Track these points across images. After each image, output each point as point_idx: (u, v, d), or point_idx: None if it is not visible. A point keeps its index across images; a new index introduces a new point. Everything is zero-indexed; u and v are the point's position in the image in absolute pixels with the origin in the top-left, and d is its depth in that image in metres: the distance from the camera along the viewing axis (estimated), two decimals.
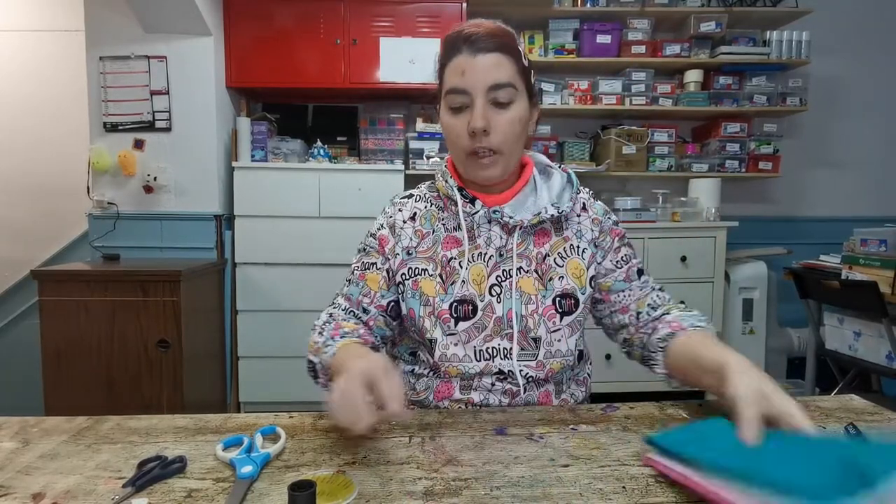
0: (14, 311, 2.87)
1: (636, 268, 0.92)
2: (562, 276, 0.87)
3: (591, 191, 0.97)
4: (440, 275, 0.86)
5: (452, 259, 0.86)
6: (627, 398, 0.83)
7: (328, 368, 0.77)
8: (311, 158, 2.57)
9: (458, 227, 0.87)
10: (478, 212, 0.85)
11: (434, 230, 0.89)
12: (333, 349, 0.77)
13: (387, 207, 0.94)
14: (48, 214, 2.85)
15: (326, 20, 2.55)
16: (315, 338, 0.83)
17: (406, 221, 0.90)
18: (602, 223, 0.92)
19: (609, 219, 0.93)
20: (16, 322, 2.87)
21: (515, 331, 0.84)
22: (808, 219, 3.11)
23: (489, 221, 0.87)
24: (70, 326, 2.05)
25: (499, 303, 0.85)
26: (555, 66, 2.77)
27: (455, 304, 0.84)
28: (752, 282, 2.66)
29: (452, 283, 0.85)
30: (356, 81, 2.59)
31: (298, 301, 2.52)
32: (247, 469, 0.59)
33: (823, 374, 2.40)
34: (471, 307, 0.84)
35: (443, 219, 0.90)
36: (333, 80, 2.58)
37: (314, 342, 0.83)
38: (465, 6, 2.57)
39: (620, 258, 0.91)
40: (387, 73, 2.57)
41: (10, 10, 2.81)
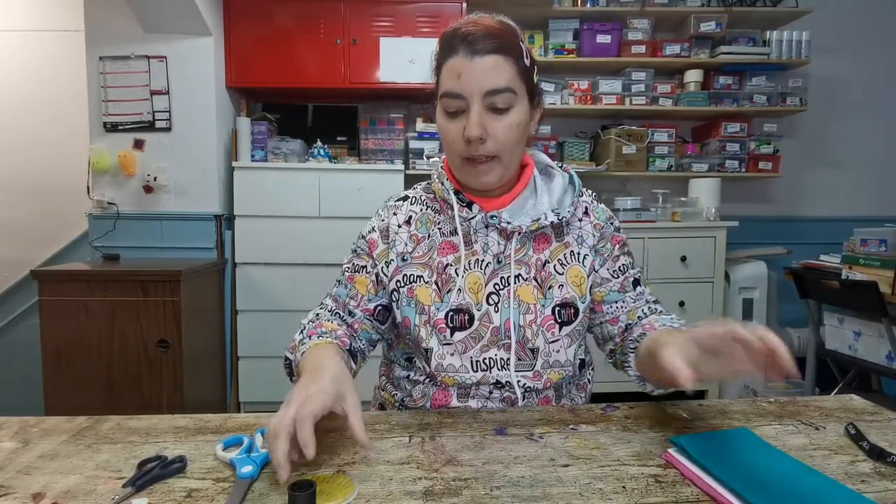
0: (14, 311, 2.87)
1: (632, 278, 0.89)
2: (562, 285, 0.83)
3: (594, 192, 0.93)
4: (436, 282, 0.83)
5: (448, 266, 0.83)
6: (627, 398, 0.83)
7: (298, 367, 0.76)
8: (311, 158, 2.57)
9: (455, 232, 0.84)
10: (474, 217, 0.82)
11: (430, 235, 0.86)
12: (304, 349, 0.75)
13: (380, 210, 0.91)
14: (48, 214, 2.85)
15: (326, 20, 2.55)
16: (295, 335, 0.83)
17: (401, 226, 0.87)
18: (604, 229, 0.88)
19: (611, 224, 0.90)
20: (16, 322, 2.88)
21: (513, 341, 0.81)
22: (808, 219, 3.11)
23: (486, 227, 0.83)
24: (70, 326, 2.05)
25: (496, 312, 0.82)
26: (555, 66, 2.77)
27: (451, 314, 0.82)
28: (752, 282, 2.66)
29: (448, 292, 0.82)
30: (356, 81, 2.59)
31: (298, 301, 2.51)
32: (247, 469, 0.59)
33: (823, 374, 2.40)
34: (467, 316, 0.82)
35: (439, 223, 0.87)
36: (333, 80, 2.58)
37: (293, 339, 0.82)
38: (465, 6, 2.57)
39: (618, 267, 0.88)
40: (387, 73, 2.57)
41: (10, 10, 2.81)
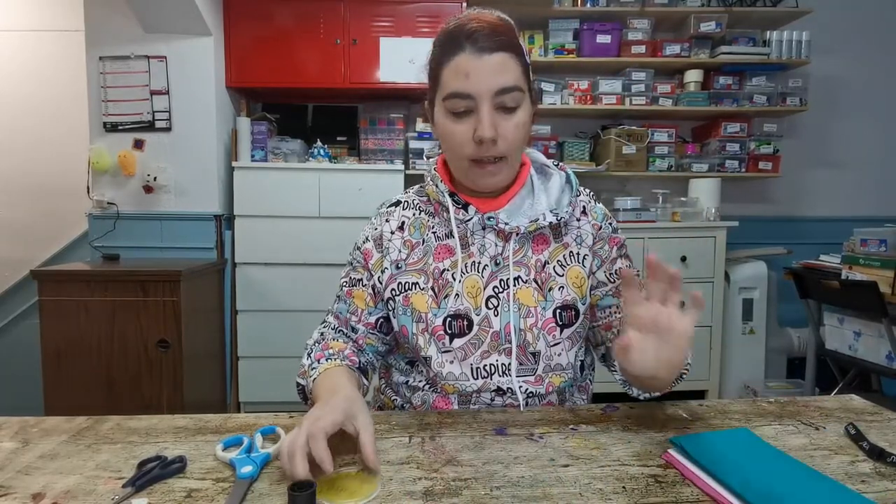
0: (14, 311, 2.87)
1: None
2: (562, 286, 0.82)
3: (591, 192, 0.92)
4: (432, 287, 0.81)
5: (445, 271, 0.81)
6: (627, 398, 0.83)
7: (310, 393, 0.76)
8: (311, 158, 2.57)
9: (450, 235, 0.82)
10: (471, 218, 0.80)
11: (424, 240, 0.84)
12: (315, 374, 0.76)
13: (373, 218, 0.89)
14: (48, 214, 2.85)
15: (326, 20, 2.55)
16: (304, 360, 0.82)
17: (394, 232, 0.85)
18: (601, 230, 0.86)
19: (609, 225, 0.88)
20: (16, 322, 2.88)
21: (514, 346, 0.79)
22: (808, 219, 3.11)
23: (483, 228, 0.81)
24: (70, 326, 2.05)
25: (496, 316, 0.80)
26: (555, 66, 2.77)
27: (449, 320, 0.80)
28: (752, 282, 2.66)
29: (446, 297, 0.80)
30: (356, 81, 2.59)
31: (298, 301, 2.52)
32: (247, 469, 0.59)
33: (823, 374, 2.40)
34: (466, 322, 0.80)
35: (433, 226, 0.84)
36: (333, 80, 2.58)
37: (302, 364, 0.82)
38: (465, 6, 2.57)
39: (615, 270, 0.86)
40: (387, 73, 2.57)
41: (10, 10, 2.81)
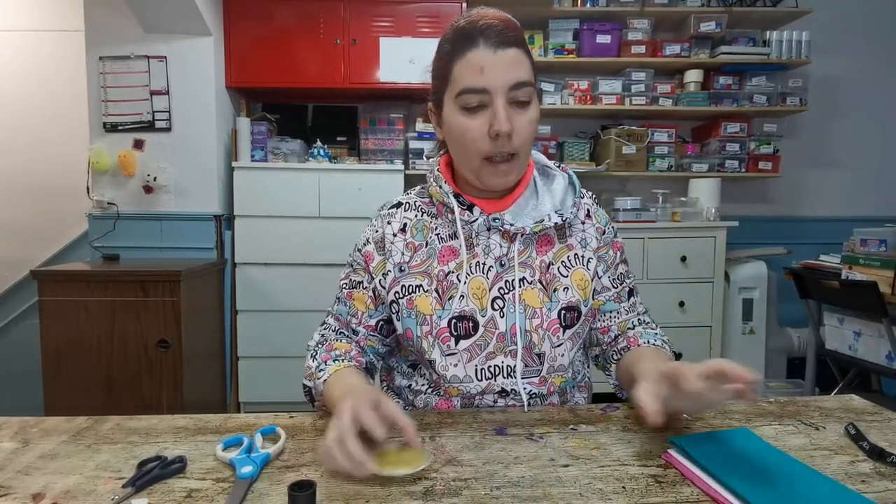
0: (14, 311, 2.87)
1: (628, 288, 0.89)
2: (567, 288, 0.82)
3: (594, 194, 0.92)
4: (436, 289, 0.80)
5: (450, 273, 0.80)
6: (627, 398, 0.83)
7: (321, 395, 0.76)
8: (311, 158, 2.57)
9: (454, 236, 0.82)
10: (476, 219, 0.80)
11: (427, 242, 0.83)
12: (325, 375, 0.76)
13: (374, 219, 0.88)
14: (48, 214, 2.85)
15: (326, 20, 2.55)
16: (308, 362, 0.81)
17: (396, 234, 0.84)
18: (606, 234, 0.87)
19: (612, 229, 0.89)
20: (16, 322, 2.87)
21: (520, 347, 0.79)
22: (808, 219, 3.11)
23: (488, 229, 0.81)
24: (70, 326, 2.05)
25: (502, 317, 0.79)
26: (555, 66, 2.76)
27: (454, 321, 0.79)
28: (752, 282, 2.66)
29: (450, 298, 0.79)
30: (356, 81, 2.59)
31: (298, 301, 2.52)
32: (247, 469, 0.59)
33: (823, 374, 2.40)
34: (471, 323, 0.79)
35: (436, 228, 0.84)
36: (333, 80, 2.58)
37: (307, 366, 0.81)
38: (465, 6, 2.57)
39: (618, 276, 0.88)
40: (387, 73, 2.57)
41: (10, 10, 2.81)
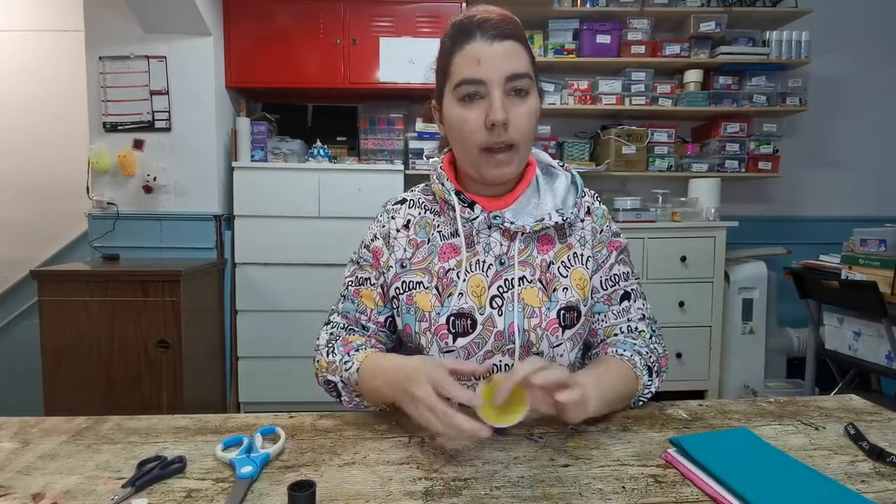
0: (14, 311, 2.87)
1: (623, 290, 0.85)
2: (566, 288, 0.81)
3: (596, 192, 0.91)
4: (436, 286, 0.81)
5: (451, 270, 0.81)
6: None
7: (355, 385, 0.75)
8: (311, 158, 2.57)
9: (456, 234, 0.82)
10: (477, 217, 0.80)
11: (429, 239, 0.84)
12: (355, 364, 0.75)
13: (379, 215, 0.88)
14: (48, 214, 2.85)
15: (326, 20, 2.55)
16: (327, 358, 0.80)
17: (399, 230, 0.85)
18: (602, 233, 0.86)
19: (609, 228, 0.87)
20: (16, 322, 2.87)
21: (517, 346, 0.79)
22: (808, 219, 3.11)
23: (489, 227, 0.81)
24: (70, 326, 2.05)
25: (500, 316, 0.79)
26: (555, 66, 2.76)
27: (452, 318, 0.79)
28: (752, 282, 2.66)
29: (449, 296, 0.80)
30: (356, 81, 2.58)
31: (298, 301, 2.52)
32: (246, 469, 0.59)
33: (823, 374, 2.40)
34: (469, 321, 0.79)
35: (438, 225, 0.84)
36: (333, 80, 2.58)
37: (328, 362, 0.80)
38: (465, 6, 2.57)
39: (611, 276, 0.85)
40: (386, 73, 2.57)
41: (10, 10, 2.81)
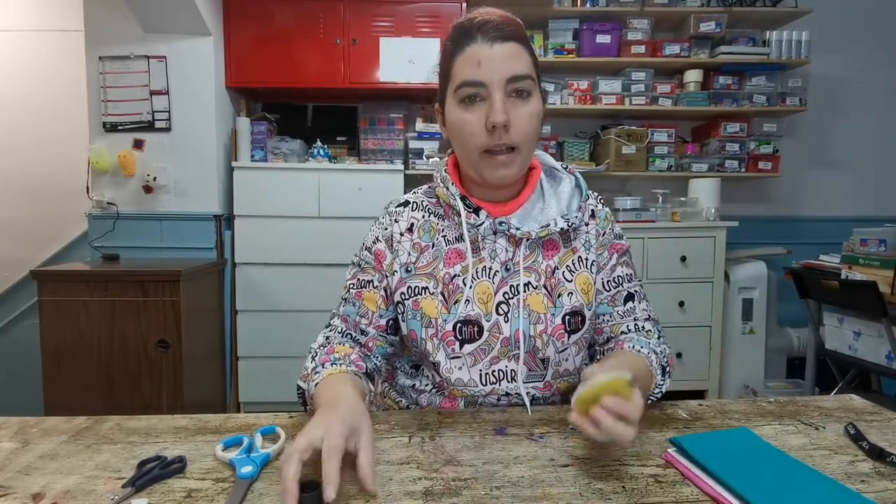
0: (14, 311, 2.87)
1: (626, 292, 0.86)
2: (571, 292, 0.81)
3: (599, 194, 0.91)
4: (442, 292, 0.80)
5: (456, 276, 0.80)
6: None
7: (311, 398, 0.74)
8: (311, 158, 2.57)
9: (461, 238, 0.82)
10: (482, 223, 0.79)
11: (434, 243, 0.83)
12: (318, 379, 0.74)
13: (382, 217, 0.87)
14: (48, 214, 2.85)
15: (326, 20, 2.55)
16: (307, 363, 0.80)
17: (403, 234, 0.84)
18: (604, 236, 0.86)
19: (612, 231, 0.87)
20: (16, 322, 2.87)
21: (522, 352, 0.79)
22: (808, 219, 3.11)
23: (494, 233, 0.81)
24: (70, 326, 2.05)
25: (506, 322, 0.80)
26: (554, 66, 2.76)
27: (459, 325, 0.79)
28: (752, 282, 2.66)
29: (456, 302, 0.80)
30: (356, 81, 2.58)
31: (298, 301, 2.52)
32: (246, 469, 0.59)
33: (823, 374, 2.40)
34: (476, 328, 0.79)
35: (443, 229, 0.83)
36: (333, 80, 2.57)
37: (305, 367, 0.80)
38: (465, 6, 2.57)
39: (613, 278, 0.86)
40: (386, 73, 2.57)
41: (10, 10, 2.81)
